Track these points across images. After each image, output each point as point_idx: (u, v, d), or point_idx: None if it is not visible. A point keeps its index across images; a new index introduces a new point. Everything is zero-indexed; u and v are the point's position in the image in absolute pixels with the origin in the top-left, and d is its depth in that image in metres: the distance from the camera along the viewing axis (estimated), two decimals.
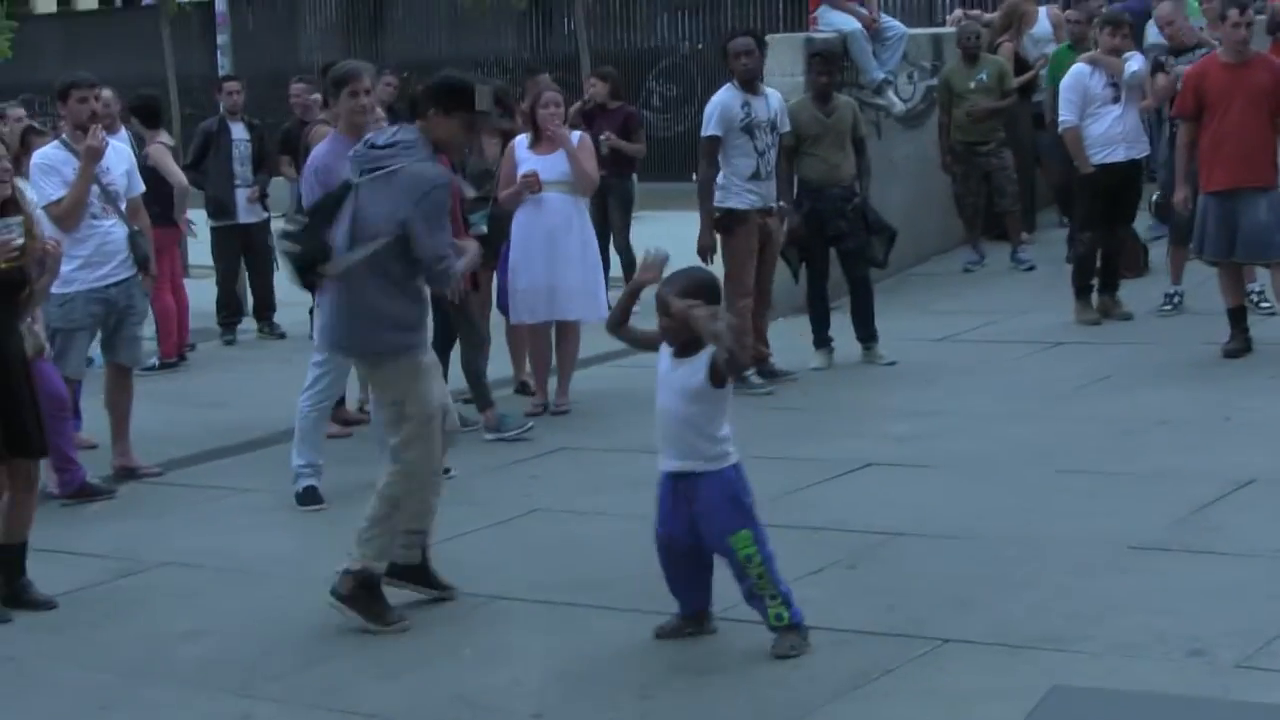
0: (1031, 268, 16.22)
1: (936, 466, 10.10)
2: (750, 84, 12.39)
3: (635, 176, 17.01)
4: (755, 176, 12.34)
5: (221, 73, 22.74)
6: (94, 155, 10.59)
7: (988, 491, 9.51)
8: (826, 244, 13.01)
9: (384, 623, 7.77)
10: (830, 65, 13.32)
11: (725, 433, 7.27)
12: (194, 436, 12.06)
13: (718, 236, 12.46)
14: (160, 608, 8.46)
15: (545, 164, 11.89)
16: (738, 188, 12.31)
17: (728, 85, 12.48)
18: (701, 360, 7.19)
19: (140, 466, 11.09)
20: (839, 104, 13.13)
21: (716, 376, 7.16)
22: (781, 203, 12.58)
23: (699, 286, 7.24)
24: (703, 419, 7.23)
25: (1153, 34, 15.87)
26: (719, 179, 12.35)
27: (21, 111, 13.70)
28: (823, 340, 13.17)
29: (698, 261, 10.69)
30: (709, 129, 12.34)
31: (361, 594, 7.81)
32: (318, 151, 10.16)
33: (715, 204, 12.40)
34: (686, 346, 7.25)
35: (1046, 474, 9.78)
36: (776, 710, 6.65)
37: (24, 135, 11.38)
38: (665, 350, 7.39)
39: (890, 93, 16.40)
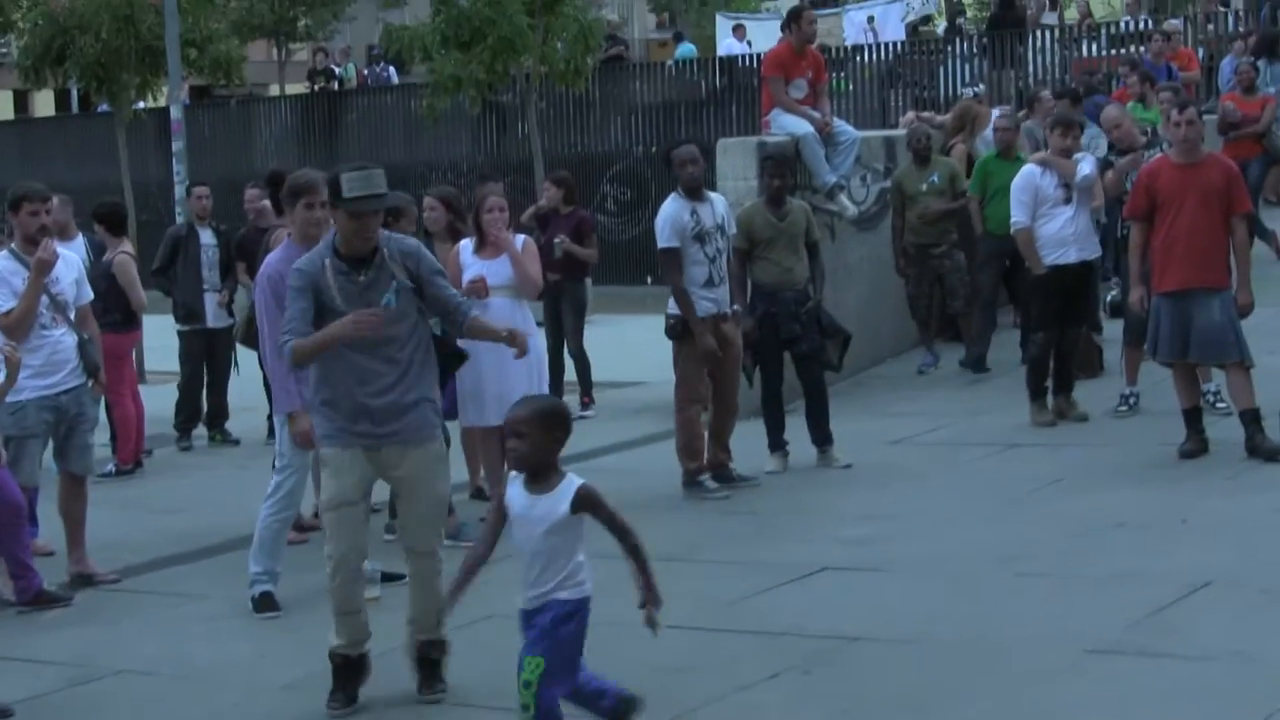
0: (986, 369, 16.30)
1: (892, 570, 10.13)
2: (696, 191, 12.48)
3: (589, 281, 17.04)
4: (709, 283, 12.41)
5: (177, 179, 22.75)
6: (44, 268, 10.61)
7: (944, 594, 9.54)
8: (780, 347, 13.07)
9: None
10: (783, 169, 13.42)
11: (581, 558, 7.24)
12: (150, 543, 12.03)
13: (675, 345, 12.52)
14: (117, 715, 8.44)
15: (491, 268, 11.94)
16: (692, 295, 12.36)
17: (673, 195, 12.55)
18: (563, 491, 7.11)
19: (97, 573, 11.06)
20: (792, 208, 13.22)
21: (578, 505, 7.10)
22: (736, 307, 12.65)
23: (540, 416, 7.11)
24: (564, 548, 7.16)
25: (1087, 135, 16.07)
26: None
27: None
28: (778, 444, 13.22)
29: (655, 360, 10.74)
30: (664, 241, 12.40)
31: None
32: (270, 259, 10.20)
33: (668, 311, 12.48)
34: (537, 474, 7.11)
35: (1003, 576, 9.82)
36: None
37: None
38: (516, 483, 7.21)
39: (843, 196, 16.52)
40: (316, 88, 36.65)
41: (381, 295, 8.03)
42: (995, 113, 17.93)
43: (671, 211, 12.45)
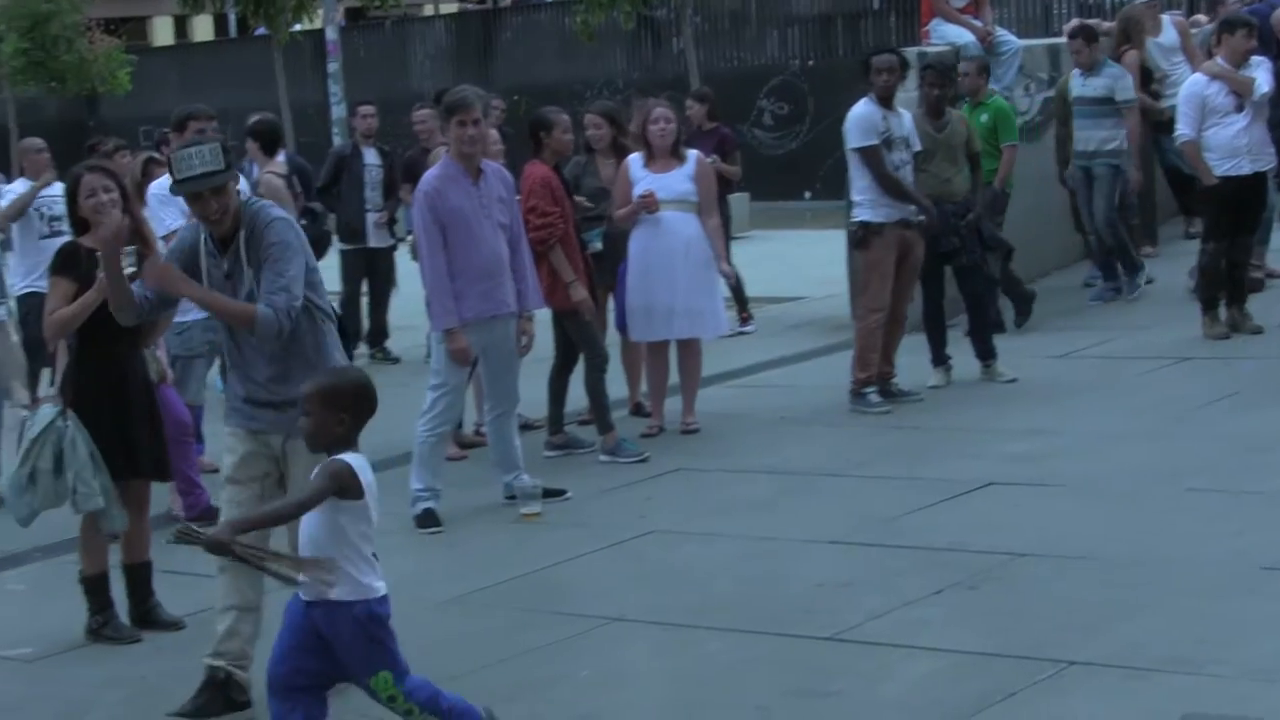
0: (1150, 281, 16.01)
1: (1058, 486, 9.97)
2: (888, 100, 12.32)
3: (746, 196, 16.93)
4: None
5: (333, 100, 22.86)
6: None
7: (1111, 511, 9.37)
8: (940, 261, 12.89)
9: None
10: (942, 78, 13.20)
11: (359, 558, 6.24)
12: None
13: (859, 252, 12.39)
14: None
15: (661, 182, 11.87)
16: (874, 201, 12.22)
17: (865, 99, 12.37)
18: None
19: None
20: (951, 118, 13.02)
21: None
22: (921, 216, 12.45)
23: (320, 392, 6.25)
24: (327, 540, 6.18)
25: None
26: (855, 194, 12.28)
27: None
28: (940, 359, 13.05)
29: (815, 276, 10.59)
30: (860, 139, 12.21)
31: None
32: (427, 176, 10.24)
33: (852, 218, 12.34)
34: (329, 453, 6.25)
35: (1173, 493, 9.62)
36: None
37: (145, 165, 11.47)
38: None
39: None
40: (469, 7, 36.66)
41: (241, 288, 7.22)
42: (1166, 19, 17.52)
43: (864, 112, 12.27)
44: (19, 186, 12.74)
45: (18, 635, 8.72)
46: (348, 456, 6.22)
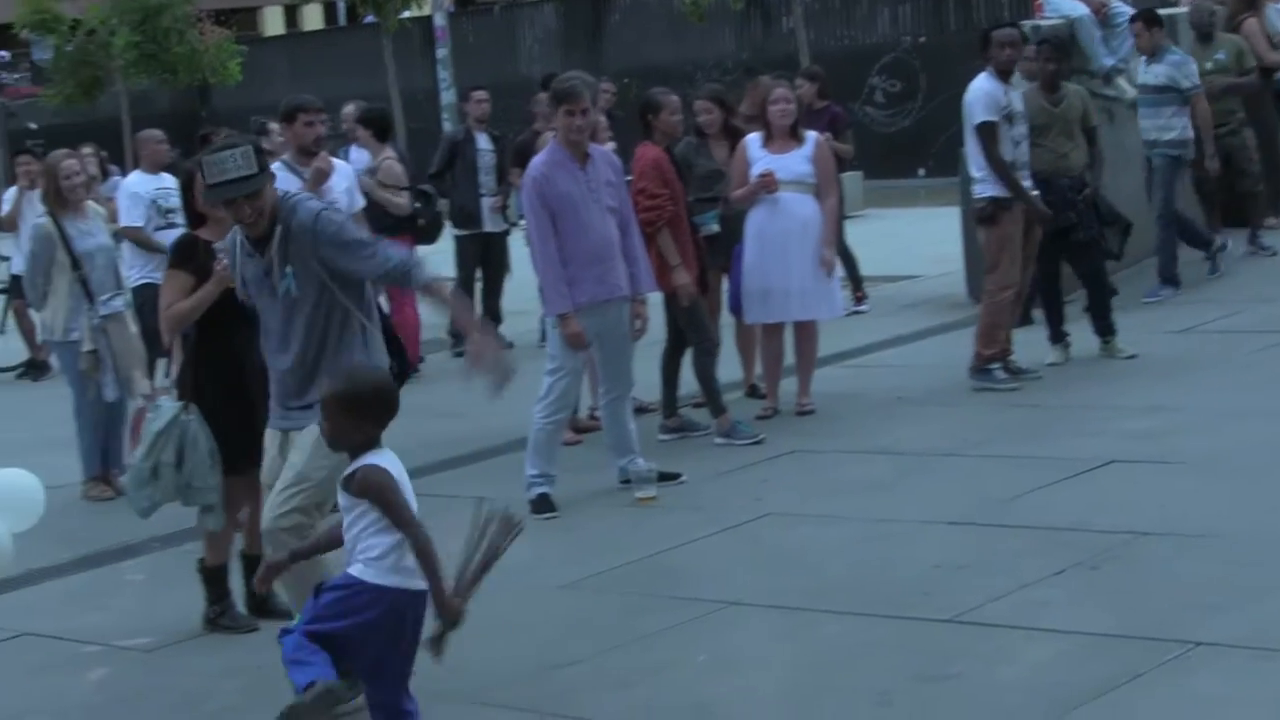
0: (1274, 253, 15.77)
1: (1181, 464, 9.81)
2: (1008, 75, 12.18)
3: (859, 175, 16.80)
4: (1012, 166, 12.10)
5: (442, 86, 22.92)
6: (320, 178, 10.72)
7: (1235, 489, 9.20)
8: (1056, 236, 12.73)
9: None
10: (1058, 53, 13.03)
11: (378, 544, 6.22)
12: (428, 447, 12.10)
13: (979, 228, 12.24)
14: None
15: (780, 163, 11.79)
16: (997, 176, 12.07)
17: (985, 74, 12.21)
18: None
19: None
20: (1067, 92, 12.86)
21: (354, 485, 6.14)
22: (1037, 191, 12.30)
23: (336, 397, 6.18)
24: (360, 532, 6.20)
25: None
26: (977, 171, 12.15)
27: (276, 127, 13.91)
28: (1058, 335, 12.90)
29: (929, 254, 10.46)
30: (982, 115, 12.06)
31: None
32: (535, 162, 10.21)
33: (976, 194, 12.19)
34: (352, 455, 6.24)
35: None
36: (1018, 717, 6.47)
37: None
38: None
39: (1121, 80, 16.02)
40: None
41: (280, 283, 7.08)
42: None
43: (987, 87, 12.13)
44: (135, 179, 12.82)
45: (136, 625, 8.77)
46: (378, 459, 6.15)
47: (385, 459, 6.20)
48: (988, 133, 12.04)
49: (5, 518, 7.28)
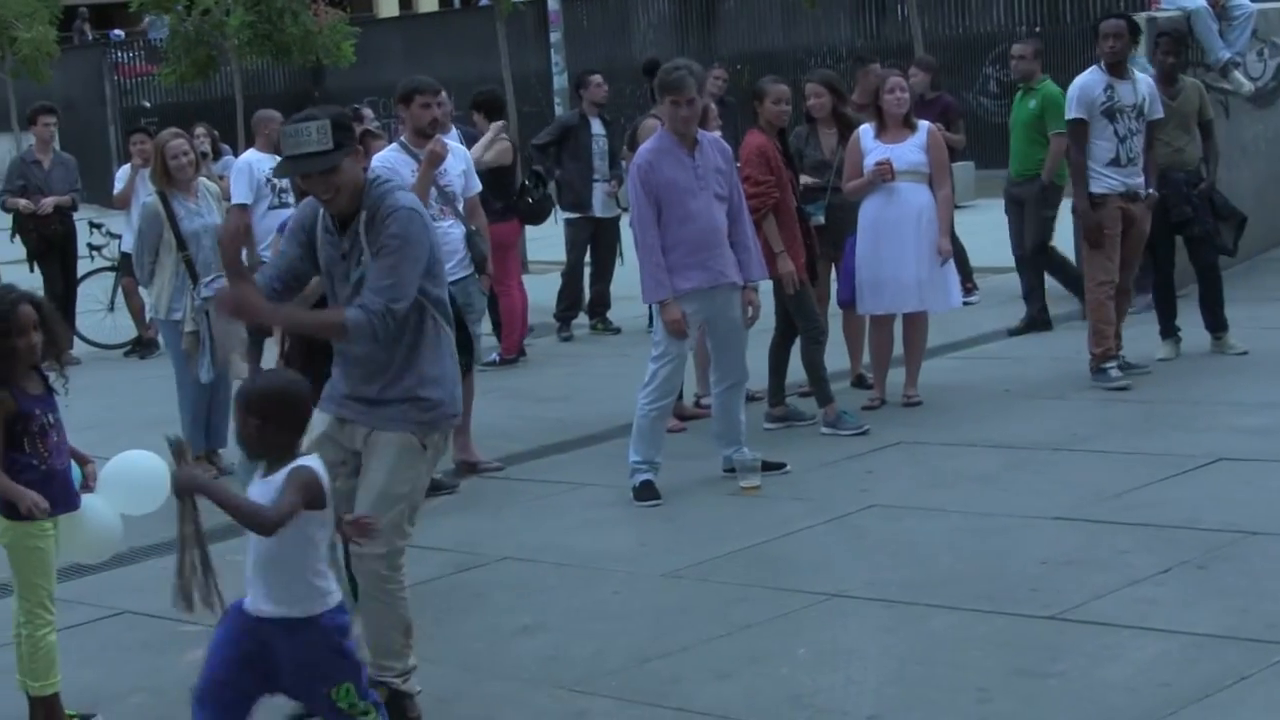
0: None
1: None
2: (1116, 67, 12.04)
3: (970, 165, 16.67)
4: (1114, 162, 11.95)
5: (555, 70, 22.94)
6: (435, 160, 10.72)
7: None
8: (1171, 230, 12.59)
9: None
10: (1176, 45, 12.91)
11: (323, 568, 5.98)
12: (533, 431, 12.15)
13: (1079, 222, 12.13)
14: (499, 602, 8.50)
15: (895, 152, 11.72)
16: (1095, 172, 11.94)
17: (1094, 68, 12.11)
18: (279, 477, 5.87)
19: (481, 461, 11.20)
20: (1184, 85, 12.73)
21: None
22: (1151, 190, 12.16)
23: (252, 397, 5.97)
24: (294, 553, 5.93)
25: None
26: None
27: (370, 113, 13.99)
28: (1169, 330, 12.77)
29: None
30: (1071, 111, 12.00)
31: None
32: (642, 150, 10.21)
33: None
34: (269, 462, 5.97)
35: None
36: (1121, 717, 6.39)
37: (362, 138, 11.52)
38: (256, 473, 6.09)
39: (1237, 73, 15.84)
40: None
41: (353, 270, 6.76)
42: None
43: (1086, 82, 12.02)
44: (250, 157, 12.90)
45: None
46: (309, 461, 5.94)
47: (317, 463, 5.99)
48: (1075, 130, 11.92)
49: (123, 498, 7.32)
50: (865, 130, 11.90)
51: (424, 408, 6.82)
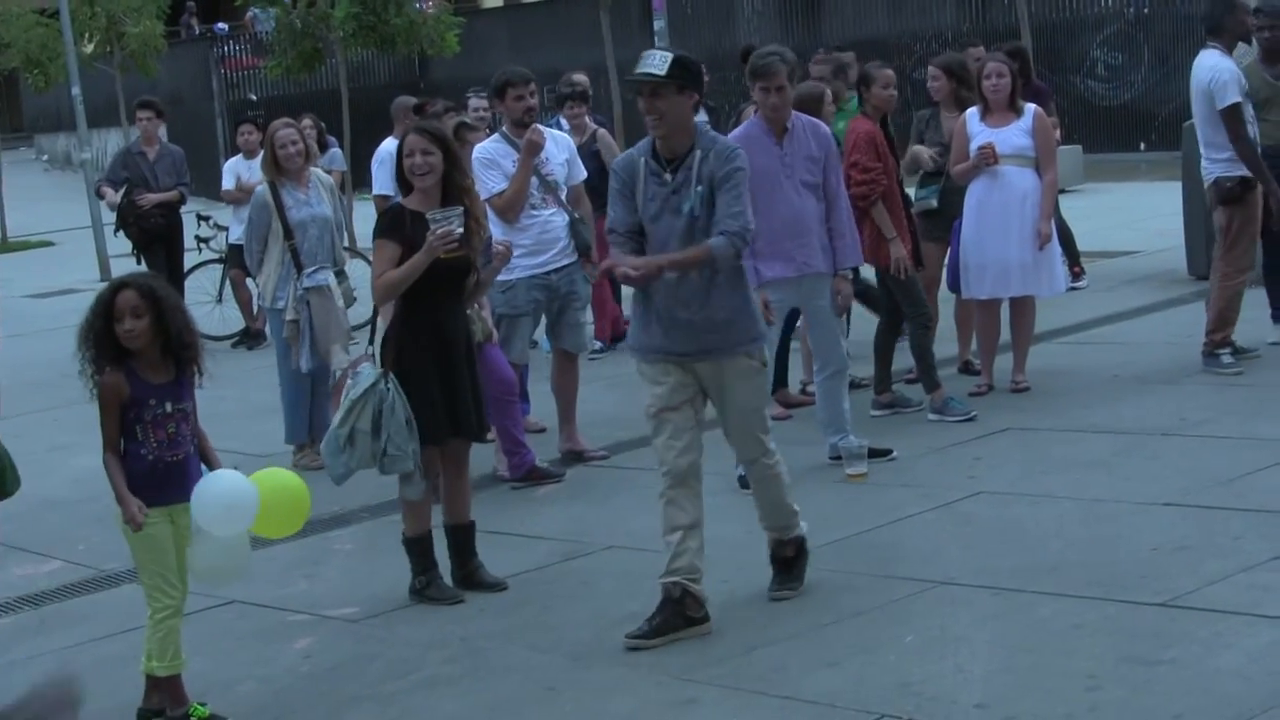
0: None
1: None
2: (1271, 54, 11.94)
3: (1068, 150, 16.49)
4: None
5: None
6: (533, 150, 10.74)
7: None
8: None
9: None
10: (1276, 20, 12.65)
11: None
12: (639, 419, 12.00)
13: (1221, 208, 11.89)
14: (606, 590, 8.51)
15: (1000, 136, 11.63)
16: (1235, 160, 11.77)
17: (1219, 51, 11.81)
18: None
19: (587, 450, 11.21)
20: None
21: None
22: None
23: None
24: None
25: None
26: (1218, 152, 11.82)
27: (482, 102, 13.98)
28: None
29: (1149, 228, 10.20)
30: (1235, 96, 11.65)
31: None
32: (730, 136, 10.12)
33: (1223, 174, 11.84)
34: None
35: None
36: (1234, 705, 6.31)
37: (456, 130, 11.55)
38: None
39: None
40: None
41: (685, 202, 7.62)
42: None
43: (1232, 66, 11.77)
44: (390, 145, 12.84)
45: (344, 595, 8.88)
46: None
47: None
48: (1239, 114, 11.69)
49: (219, 521, 7.31)
50: (972, 114, 11.82)
51: (749, 322, 7.91)
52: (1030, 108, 11.89)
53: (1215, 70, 11.71)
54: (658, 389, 7.79)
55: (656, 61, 7.61)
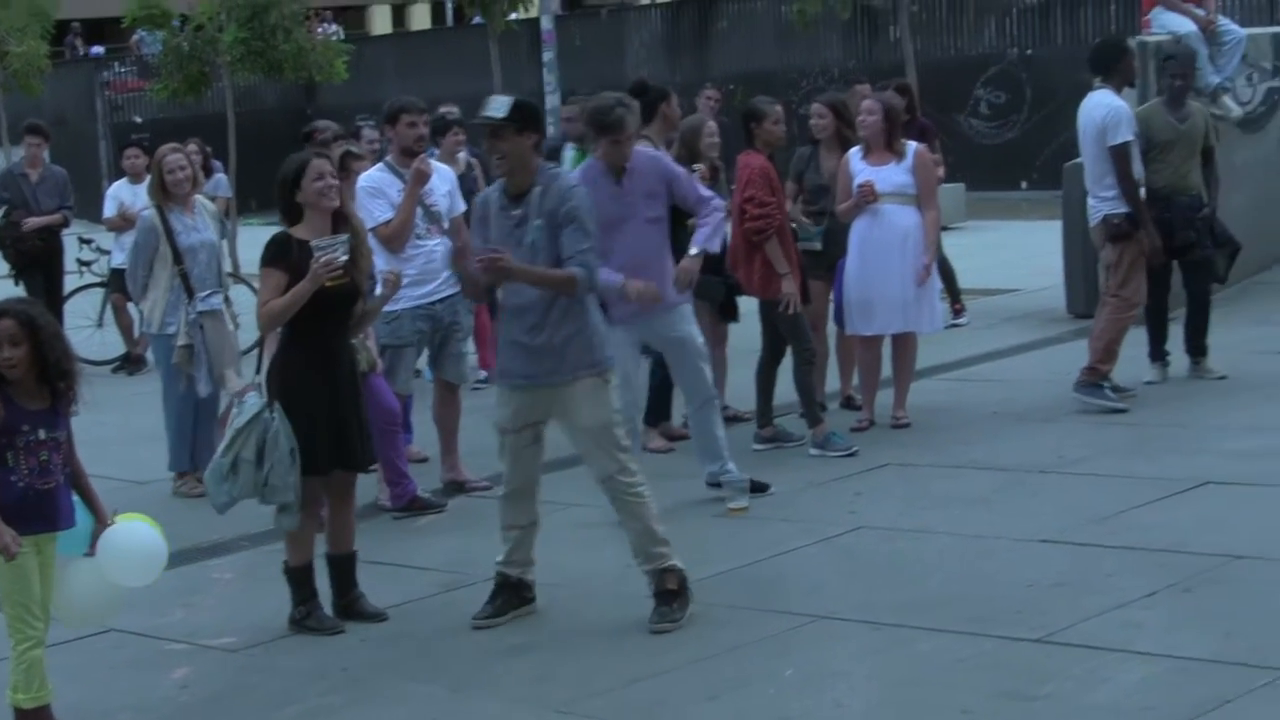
0: None
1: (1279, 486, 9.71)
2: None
3: (951, 188, 16.67)
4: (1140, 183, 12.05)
5: (548, 89, 22.97)
6: (421, 179, 10.73)
7: None
8: (1172, 254, 12.58)
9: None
10: (1185, 68, 12.87)
11: None
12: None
13: (1110, 245, 12.05)
14: None
15: (880, 174, 11.72)
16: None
17: (1109, 90, 12.01)
18: None
19: (469, 480, 11.19)
20: (1192, 110, 12.70)
21: None
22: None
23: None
24: None
25: None
26: (1105, 191, 11.99)
27: (372, 133, 13.94)
28: (1159, 353, 12.78)
29: (1030, 267, 10.33)
30: (1126, 135, 11.89)
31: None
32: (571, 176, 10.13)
33: (1110, 211, 12.01)
34: None
35: None
36: None
37: (342, 159, 11.53)
38: None
39: (1227, 99, 15.86)
40: None
41: (526, 235, 8.16)
42: None
43: (1124, 105, 12.00)
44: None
45: (222, 624, 8.81)
46: None
47: None
48: (1129, 152, 11.87)
49: (119, 568, 7.27)
50: (854, 153, 11.91)
51: (588, 344, 8.36)
52: (912, 146, 12.01)
53: (1110, 108, 11.92)
54: (503, 410, 8.41)
55: (498, 106, 8.18)
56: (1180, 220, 12.42)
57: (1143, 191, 12.17)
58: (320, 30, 28.21)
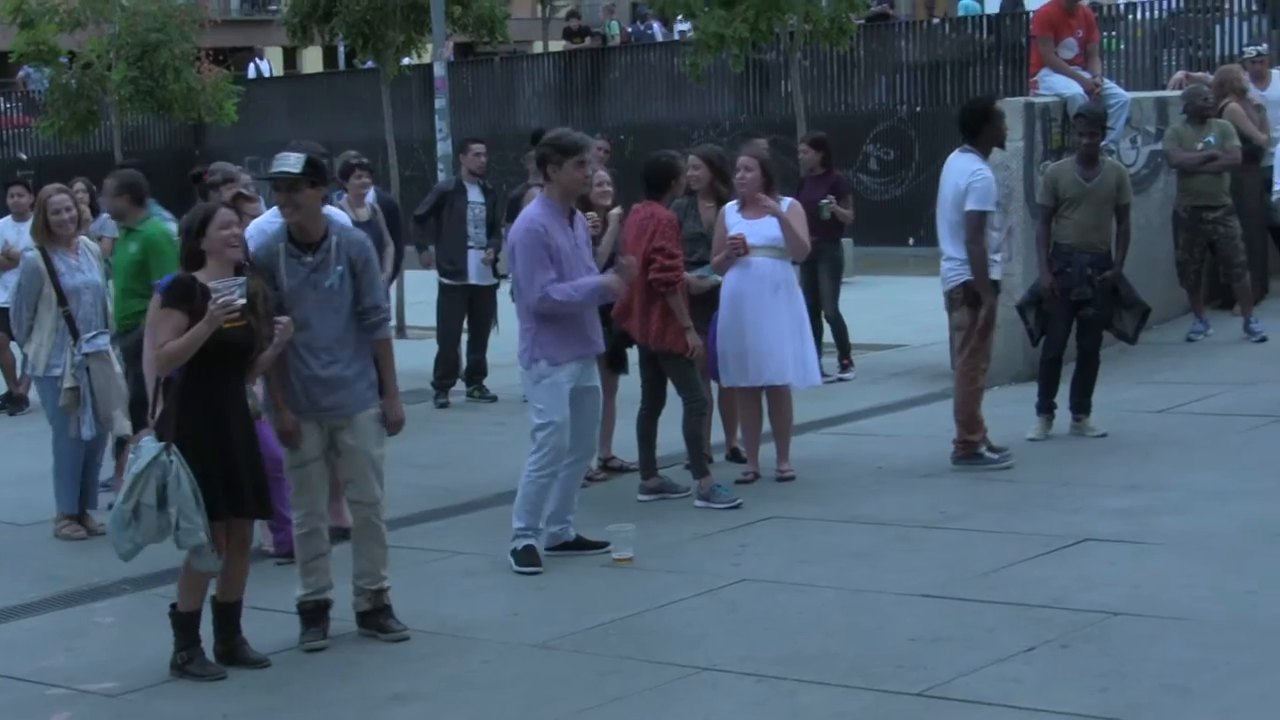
0: (1264, 339, 15.79)
1: (1157, 544, 9.83)
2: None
3: (847, 242, 16.84)
4: (998, 250, 12.14)
5: (439, 136, 22.97)
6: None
7: (1212, 571, 9.21)
8: (1071, 309, 12.72)
9: None
10: (1094, 126, 13.01)
11: None
12: (408, 498, 12.07)
13: (967, 309, 12.13)
14: (372, 669, 8.48)
15: (753, 228, 11.79)
16: (993, 261, 12.04)
17: (975, 154, 12.13)
18: None
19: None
20: (1103, 168, 12.85)
21: None
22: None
23: None
24: None
25: None
26: (959, 251, 12.09)
27: (247, 178, 13.88)
28: (1046, 406, 12.88)
29: (917, 323, 10.46)
30: (989, 204, 11.93)
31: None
32: (529, 214, 10.21)
33: (958, 275, 12.11)
34: None
35: (1277, 554, 9.46)
36: None
37: (234, 201, 11.49)
38: None
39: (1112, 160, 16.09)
40: (575, 47, 36.80)
41: (326, 279, 8.75)
42: (1276, 74, 17.33)
43: (990, 173, 12.12)
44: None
45: (103, 669, 8.73)
46: None
47: None
48: (985, 222, 11.96)
49: None
50: (730, 207, 11.99)
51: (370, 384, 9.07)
52: (786, 200, 12.07)
53: (975, 175, 11.94)
54: (305, 442, 8.87)
55: (292, 161, 8.71)
56: (1077, 276, 12.58)
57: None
58: (251, 66, 28.10)
